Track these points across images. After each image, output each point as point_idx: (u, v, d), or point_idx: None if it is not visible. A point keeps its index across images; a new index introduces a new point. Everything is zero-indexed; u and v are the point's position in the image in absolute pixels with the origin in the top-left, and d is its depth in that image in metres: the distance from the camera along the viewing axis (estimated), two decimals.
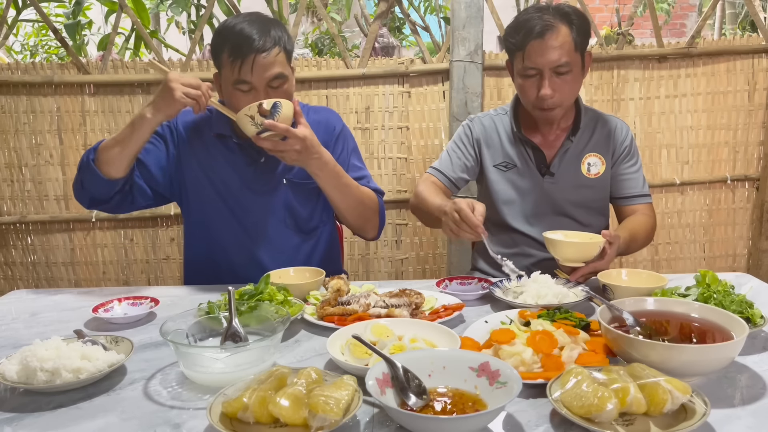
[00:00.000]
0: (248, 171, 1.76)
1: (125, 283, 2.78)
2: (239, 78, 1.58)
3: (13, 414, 1.01)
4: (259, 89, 1.59)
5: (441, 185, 1.92)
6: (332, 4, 4.99)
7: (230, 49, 1.57)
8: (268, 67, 1.58)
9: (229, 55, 1.58)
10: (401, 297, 1.42)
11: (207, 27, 3.46)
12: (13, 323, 1.46)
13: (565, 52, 1.67)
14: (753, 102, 2.74)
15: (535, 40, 1.66)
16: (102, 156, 1.59)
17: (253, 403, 0.90)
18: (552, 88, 1.69)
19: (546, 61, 1.67)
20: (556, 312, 1.29)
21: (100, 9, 4.87)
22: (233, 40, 1.57)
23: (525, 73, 1.72)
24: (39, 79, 2.57)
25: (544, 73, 1.69)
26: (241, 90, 1.60)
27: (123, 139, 1.57)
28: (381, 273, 2.82)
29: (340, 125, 1.87)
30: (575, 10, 1.73)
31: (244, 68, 1.56)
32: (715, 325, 1.12)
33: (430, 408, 0.95)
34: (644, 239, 1.85)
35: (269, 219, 1.78)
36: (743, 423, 0.93)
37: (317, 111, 1.89)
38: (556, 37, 1.66)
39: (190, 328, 1.19)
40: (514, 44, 1.73)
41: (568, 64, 1.68)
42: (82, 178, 1.64)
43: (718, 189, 2.83)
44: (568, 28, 1.68)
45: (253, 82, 1.58)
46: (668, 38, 3.28)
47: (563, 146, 1.84)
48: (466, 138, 1.94)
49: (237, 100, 1.61)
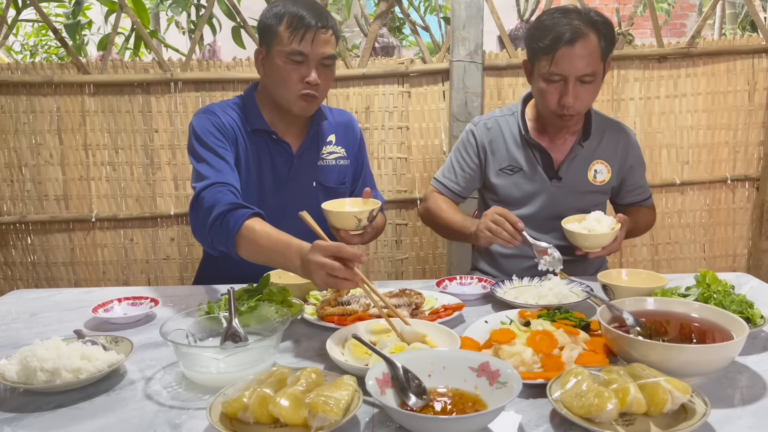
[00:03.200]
0: (284, 170, 1.75)
1: (125, 283, 2.78)
2: (297, 49, 1.59)
3: (13, 414, 1.01)
4: (312, 64, 1.62)
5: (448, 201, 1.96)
6: (332, 4, 4.98)
7: (290, 20, 1.59)
8: (325, 44, 1.62)
9: (289, 26, 1.59)
10: (401, 297, 1.42)
11: (207, 27, 3.46)
12: (13, 323, 1.46)
13: (592, 61, 1.65)
14: (753, 102, 2.74)
15: (566, 47, 1.63)
16: (240, 248, 1.39)
17: (253, 403, 0.90)
18: (575, 96, 1.67)
19: (574, 69, 1.64)
20: (556, 312, 1.29)
21: (100, 9, 4.86)
22: (294, 12, 1.59)
23: (549, 78, 1.69)
24: (39, 79, 2.57)
25: (569, 80, 1.66)
26: (295, 60, 1.61)
27: (266, 259, 1.35)
28: (381, 273, 2.82)
29: (360, 130, 1.93)
30: (602, 17, 1.69)
31: (305, 39, 1.59)
32: (715, 325, 1.12)
33: (430, 408, 0.95)
34: (644, 228, 1.96)
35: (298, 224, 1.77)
36: (743, 423, 0.93)
37: (341, 114, 1.92)
38: (585, 46, 1.64)
39: (190, 328, 1.19)
40: (541, 48, 1.67)
41: (594, 74, 1.67)
42: (219, 244, 1.43)
43: (718, 189, 2.83)
44: (596, 36, 1.65)
45: (310, 54, 1.61)
46: (668, 38, 3.28)
47: (573, 151, 1.84)
48: (470, 146, 1.92)
49: (288, 72, 1.62)
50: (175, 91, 2.63)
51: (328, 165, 1.82)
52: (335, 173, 1.84)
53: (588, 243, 1.64)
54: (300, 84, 1.62)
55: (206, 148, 1.59)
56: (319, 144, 1.81)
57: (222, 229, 1.39)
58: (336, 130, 1.85)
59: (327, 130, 1.83)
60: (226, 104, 1.74)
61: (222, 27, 3.68)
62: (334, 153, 1.83)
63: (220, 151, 1.59)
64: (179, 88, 2.63)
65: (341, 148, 1.85)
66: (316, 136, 1.80)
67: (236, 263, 1.63)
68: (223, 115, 1.68)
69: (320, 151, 1.81)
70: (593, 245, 1.64)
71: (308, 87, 1.63)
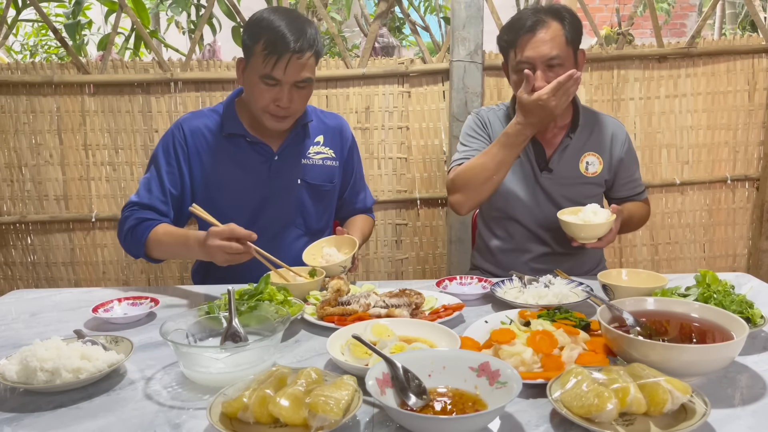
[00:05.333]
0: (263, 170, 1.77)
1: (125, 283, 2.78)
2: (270, 74, 1.60)
3: (13, 414, 1.01)
4: (285, 87, 1.62)
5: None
6: (332, 4, 4.98)
7: (267, 43, 1.58)
8: (300, 69, 1.61)
9: (264, 48, 1.58)
10: (401, 297, 1.42)
11: (207, 27, 3.46)
12: (13, 323, 1.46)
13: (556, 45, 1.69)
14: (753, 102, 2.74)
15: (526, 34, 1.70)
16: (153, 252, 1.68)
17: (253, 403, 0.90)
18: (546, 81, 1.69)
19: (537, 54, 1.69)
20: (556, 312, 1.29)
21: (100, 9, 4.87)
22: (271, 34, 1.58)
23: (518, 68, 1.73)
24: (39, 79, 2.57)
25: (536, 66, 1.70)
26: (267, 84, 1.62)
27: (172, 255, 1.73)
28: (381, 273, 2.82)
29: (352, 136, 1.95)
30: (566, 8, 1.76)
31: (278, 66, 1.59)
32: (715, 325, 1.12)
33: (430, 408, 0.95)
34: (638, 222, 1.97)
35: (281, 219, 1.80)
36: (743, 423, 0.93)
37: (333, 117, 1.94)
38: (546, 31, 1.69)
39: (190, 328, 1.19)
40: (506, 42, 1.76)
41: (560, 57, 1.70)
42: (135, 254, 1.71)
43: (718, 189, 2.83)
44: (559, 23, 1.71)
45: (283, 80, 1.61)
46: (668, 38, 3.28)
47: (562, 143, 1.86)
48: (478, 127, 1.94)
49: (260, 92, 1.63)
50: (175, 91, 2.63)
51: (314, 164, 1.84)
52: (321, 172, 1.85)
53: (584, 234, 1.65)
54: (272, 104, 1.65)
55: (155, 166, 1.76)
56: (305, 143, 1.82)
57: (133, 239, 1.67)
58: (325, 132, 1.87)
59: (315, 131, 1.86)
60: (203, 113, 1.82)
61: (222, 27, 3.68)
62: (321, 153, 1.84)
63: (163, 173, 1.75)
64: (179, 88, 2.63)
65: (329, 150, 1.86)
66: (301, 135, 1.82)
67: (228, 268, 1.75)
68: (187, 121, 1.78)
69: (306, 150, 1.83)
70: (589, 236, 1.66)
71: (279, 109, 1.65)
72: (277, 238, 1.79)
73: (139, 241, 1.65)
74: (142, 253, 1.67)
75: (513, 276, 1.59)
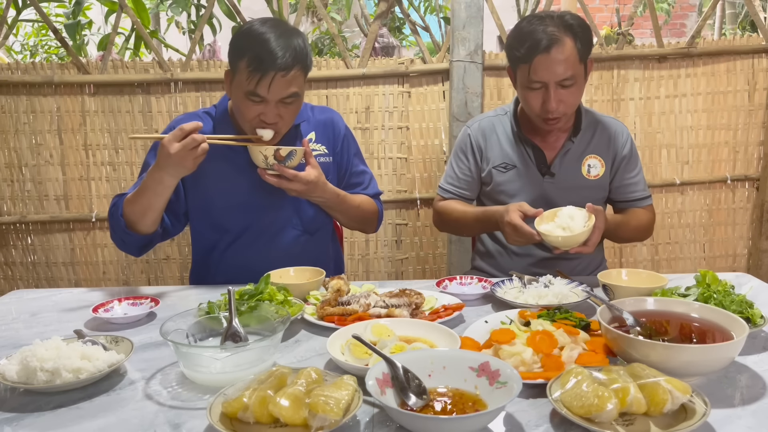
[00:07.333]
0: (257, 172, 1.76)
1: (125, 283, 2.78)
2: (254, 91, 1.57)
3: (13, 414, 1.01)
4: (271, 104, 1.60)
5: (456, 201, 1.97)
6: (332, 4, 4.99)
7: (251, 59, 1.54)
8: (285, 86, 1.58)
9: (249, 65, 1.55)
10: (401, 297, 1.42)
11: (207, 27, 3.46)
12: (13, 323, 1.46)
13: (570, 65, 1.66)
14: (753, 102, 2.74)
15: (542, 54, 1.65)
16: (131, 218, 1.61)
17: (253, 403, 0.90)
18: (557, 101, 1.69)
19: (552, 75, 1.66)
20: (556, 312, 1.29)
21: (100, 9, 4.87)
22: (256, 50, 1.54)
23: (530, 86, 1.71)
24: (39, 79, 2.57)
25: (549, 86, 1.68)
26: (252, 100, 1.59)
27: (148, 204, 1.59)
28: (381, 273, 2.82)
29: (345, 127, 1.91)
30: (578, 19, 1.71)
31: (261, 84, 1.55)
32: (715, 325, 1.12)
33: (430, 408, 0.95)
34: (636, 227, 1.88)
35: (278, 221, 1.79)
36: (743, 423, 0.93)
37: (322, 111, 1.91)
38: (561, 51, 1.65)
39: (190, 328, 1.19)
40: (519, 57, 1.70)
41: (573, 77, 1.68)
42: (121, 237, 1.66)
43: (718, 189, 2.83)
44: (572, 40, 1.67)
45: (268, 97, 1.58)
46: (668, 38, 3.28)
47: (564, 147, 1.85)
48: (467, 147, 1.95)
49: (246, 107, 1.61)
50: (175, 91, 2.63)
51: None
52: None
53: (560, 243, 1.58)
54: (257, 119, 1.63)
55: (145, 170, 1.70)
56: (297, 142, 1.81)
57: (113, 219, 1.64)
58: (316, 128, 1.85)
59: (306, 128, 1.84)
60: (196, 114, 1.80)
61: (222, 27, 3.68)
62: (314, 150, 1.82)
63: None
64: (179, 88, 2.63)
65: (321, 146, 1.85)
66: (293, 136, 1.80)
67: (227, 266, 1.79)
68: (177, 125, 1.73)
69: None
70: (568, 244, 1.58)
71: (265, 124, 1.63)
72: (275, 240, 1.79)
73: (115, 215, 1.62)
74: (123, 225, 1.61)
75: (513, 276, 1.58)
